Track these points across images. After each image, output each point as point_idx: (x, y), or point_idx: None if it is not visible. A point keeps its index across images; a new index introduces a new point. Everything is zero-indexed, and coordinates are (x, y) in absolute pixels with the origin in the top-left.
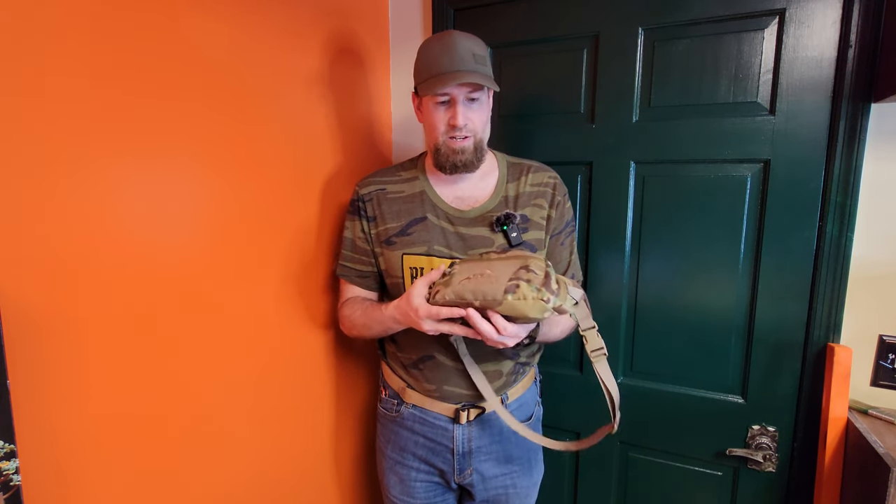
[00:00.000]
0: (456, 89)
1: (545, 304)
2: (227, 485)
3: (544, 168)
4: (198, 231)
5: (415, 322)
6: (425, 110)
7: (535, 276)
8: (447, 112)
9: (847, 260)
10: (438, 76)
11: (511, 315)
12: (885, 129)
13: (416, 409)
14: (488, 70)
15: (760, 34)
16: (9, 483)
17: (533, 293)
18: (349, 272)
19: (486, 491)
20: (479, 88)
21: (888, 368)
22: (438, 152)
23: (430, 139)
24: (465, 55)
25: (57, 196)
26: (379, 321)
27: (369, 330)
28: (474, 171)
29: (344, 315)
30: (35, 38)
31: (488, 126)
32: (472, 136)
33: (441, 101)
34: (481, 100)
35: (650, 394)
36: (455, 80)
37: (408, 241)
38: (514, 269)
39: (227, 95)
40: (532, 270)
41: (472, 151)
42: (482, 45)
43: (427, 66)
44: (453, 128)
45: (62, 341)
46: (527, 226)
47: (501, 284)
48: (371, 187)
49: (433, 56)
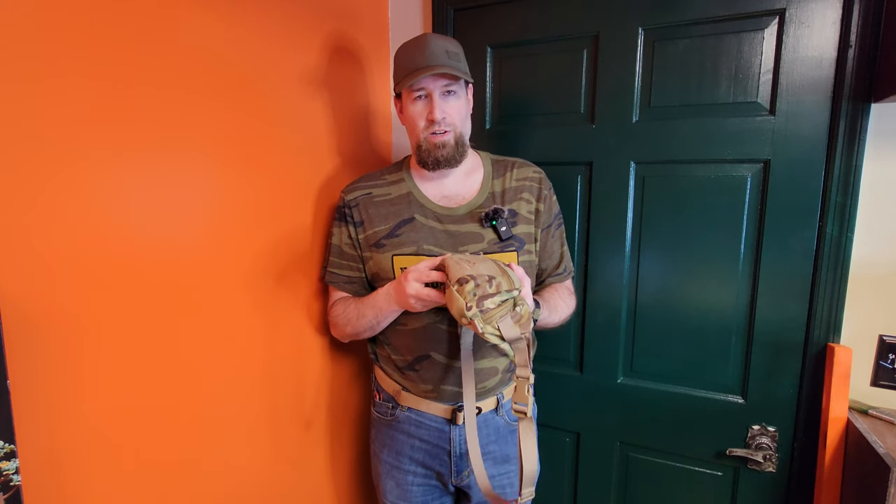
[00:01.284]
0: (431, 83)
1: (464, 310)
2: (223, 486)
3: (528, 164)
4: (196, 231)
5: (402, 289)
6: (405, 109)
7: (484, 286)
8: (425, 107)
9: (847, 260)
10: (413, 72)
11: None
12: (885, 129)
13: (412, 411)
14: (462, 66)
15: (760, 34)
16: (9, 483)
17: (468, 295)
18: (337, 278)
19: None
20: (455, 80)
21: (888, 368)
22: (420, 149)
23: (413, 137)
24: (438, 52)
25: (57, 196)
26: (371, 303)
27: (363, 317)
28: (456, 166)
29: (335, 314)
30: (36, 38)
31: (468, 121)
32: (451, 131)
33: (417, 95)
34: (458, 93)
35: (650, 394)
36: (428, 72)
37: (397, 243)
38: (488, 268)
39: (227, 96)
40: (490, 281)
41: (454, 146)
42: (456, 44)
43: (403, 65)
44: (432, 122)
45: (62, 341)
46: (515, 220)
47: (465, 272)
48: (357, 192)
49: (408, 55)
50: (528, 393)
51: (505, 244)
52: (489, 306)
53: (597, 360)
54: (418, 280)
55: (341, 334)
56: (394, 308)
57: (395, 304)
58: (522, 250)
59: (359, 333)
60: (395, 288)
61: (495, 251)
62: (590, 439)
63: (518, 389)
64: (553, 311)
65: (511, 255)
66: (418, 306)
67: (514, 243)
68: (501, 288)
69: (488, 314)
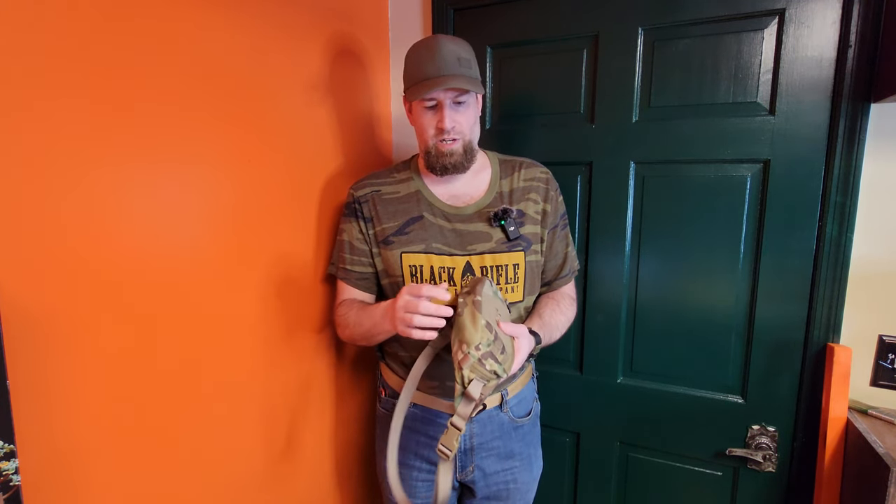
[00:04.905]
0: (442, 94)
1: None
2: (225, 485)
3: (535, 164)
4: (198, 231)
5: (391, 313)
6: (415, 114)
7: (497, 352)
8: (435, 116)
9: (847, 260)
10: (424, 81)
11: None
12: (885, 129)
13: (417, 407)
14: (474, 73)
15: (760, 34)
16: (9, 483)
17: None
18: (349, 275)
19: (488, 487)
20: (465, 92)
21: (888, 368)
22: (429, 155)
23: (421, 142)
24: (449, 59)
25: (57, 196)
26: (369, 315)
27: (359, 326)
28: (464, 172)
29: (339, 314)
30: (38, 38)
31: (477, 127)
32: (460, 139)
33: (428, 105)
34: (468, 102)
35: (650, 394)
36: (439, 85)
37: (406, 240)
38: (505, 338)
39: (228, 97)
40: (503, 351)
41: (462, 154)
42: (468, 48)
43: (413, 72)
44: (441, 131)
45: (62, 341)
46: (522, 220)
47: (491, 327)
48: (366, 189)
49: (419, 61)
50: (455, 441)
51: (513, 244)
52: (485, 365)
53: (597, 360)
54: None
55: (343, 336)
56: (386, 327)
57: (387, 322)
58: (529, 250)
59: (355, 340)
60: (389, 305)
61: (503, 250)
62: (590, 439)
63: (448, 434)
64: (554, 330)
65: (518, 255)
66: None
67: (521, 243)
68: (504, 364)
69: (477, 368)
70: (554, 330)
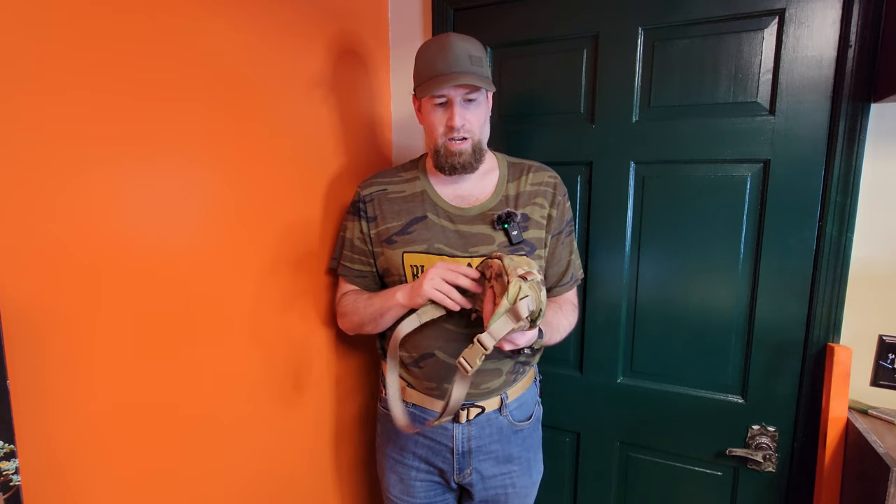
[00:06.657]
0: (452, 91)
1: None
2: (226, 484)
3: (544, 168)
4: (199, 230)
5: (418, 286)
6: (425, 112)
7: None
8: (445, 113)
9: (847, 260)
10: (435, 78)
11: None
12: (885, 129)
13: (416, 408)
14: (485, 71)
15: (760, 34)
16: (9, 483)
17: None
18: (348, 272)
19: (486, 490)
20: (476, 89)
21: (888, 368)
22: (438, 154)
23: (430, 141)
24: (461, 57)
25: (57, 196)
26: (381, 296)
27: (369, 307)
28: (473, 171)
29: (344, 303)
30: (38, 38)
31: (487, 126)
32: (470, 138)
33: (439, 102)
34: (478, 100)
35: (650, 394)
36: (451, 81)
37: (408, 240)
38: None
39: (229, 97)
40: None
41: (471, 153)
42: (479, 47)
43: (424, 69)
44: (451, 129)
45: (62, 341)
46: (527, 224)
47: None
48: (373, 188)
49: (430, 58)
50: (478, 360)
51: (515, 248)
52: (540, 291)
53: (597, 360)
54: (451, 279)
55: (347, 324)
56: (399, 302)
57: (406, 297)
58: (532, 255)
59: (363, 324)
60: (410, 287)
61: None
62: (590, 439)
63: (472, 350)
64: (556, 331)
65: None
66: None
67: (524, 248)
68: (542, 306)
69: (535, 288)
70: (555, 330)
